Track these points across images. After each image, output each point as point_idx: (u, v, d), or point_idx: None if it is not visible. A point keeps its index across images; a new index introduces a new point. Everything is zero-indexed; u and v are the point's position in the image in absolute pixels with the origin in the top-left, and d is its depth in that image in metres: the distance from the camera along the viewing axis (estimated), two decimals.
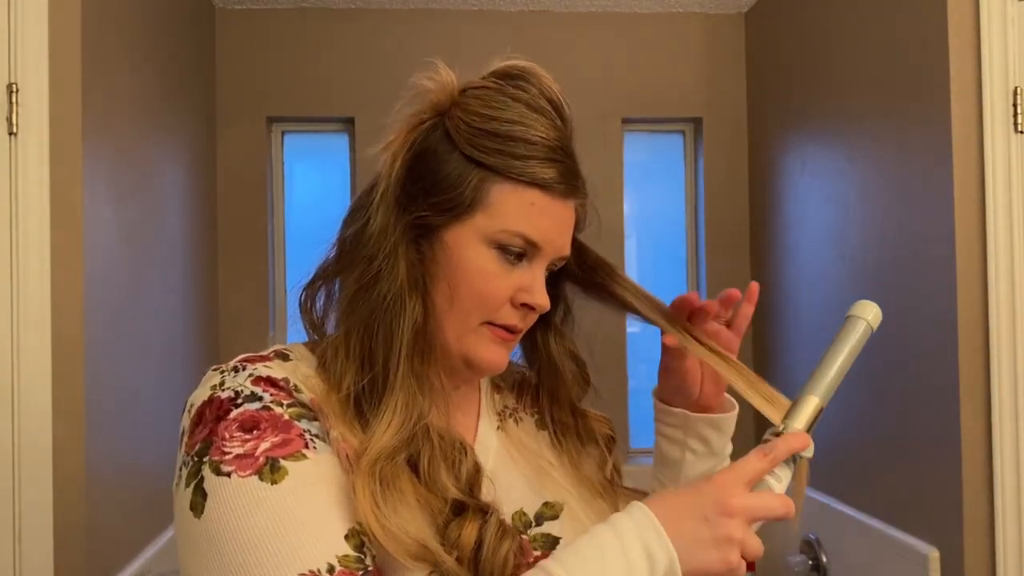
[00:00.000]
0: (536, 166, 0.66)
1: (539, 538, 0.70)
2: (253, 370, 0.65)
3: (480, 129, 0.67)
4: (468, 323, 0.69)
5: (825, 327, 1.92)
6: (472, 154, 0.66)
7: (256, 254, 2.30)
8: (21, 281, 1.28)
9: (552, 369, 0.80)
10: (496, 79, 0.70)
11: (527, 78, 0.69)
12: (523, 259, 0.69)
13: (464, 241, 0.67)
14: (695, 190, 2.47)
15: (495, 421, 0.79)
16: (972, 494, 1.39)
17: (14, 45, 1.29)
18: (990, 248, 1.37)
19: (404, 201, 0.68)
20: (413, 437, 0.64)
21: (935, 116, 1.45)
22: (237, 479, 0.57)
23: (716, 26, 2.41)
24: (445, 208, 0.67)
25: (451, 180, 0.67)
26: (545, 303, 0.70)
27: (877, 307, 0.72)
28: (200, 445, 0.60)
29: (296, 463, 0.59)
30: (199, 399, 0.64)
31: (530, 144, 0.66)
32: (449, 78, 0.70)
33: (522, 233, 0.67)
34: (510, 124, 0.66)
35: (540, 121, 0.67)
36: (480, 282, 0.67)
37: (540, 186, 0.67)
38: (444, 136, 0.68)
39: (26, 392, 1.28)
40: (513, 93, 0.68)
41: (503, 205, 0.66)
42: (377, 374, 0.65)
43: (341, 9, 2.31)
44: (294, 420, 0.62)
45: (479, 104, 0.68)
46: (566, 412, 0.82)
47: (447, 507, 0.63)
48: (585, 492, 0.77)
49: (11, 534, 1.27)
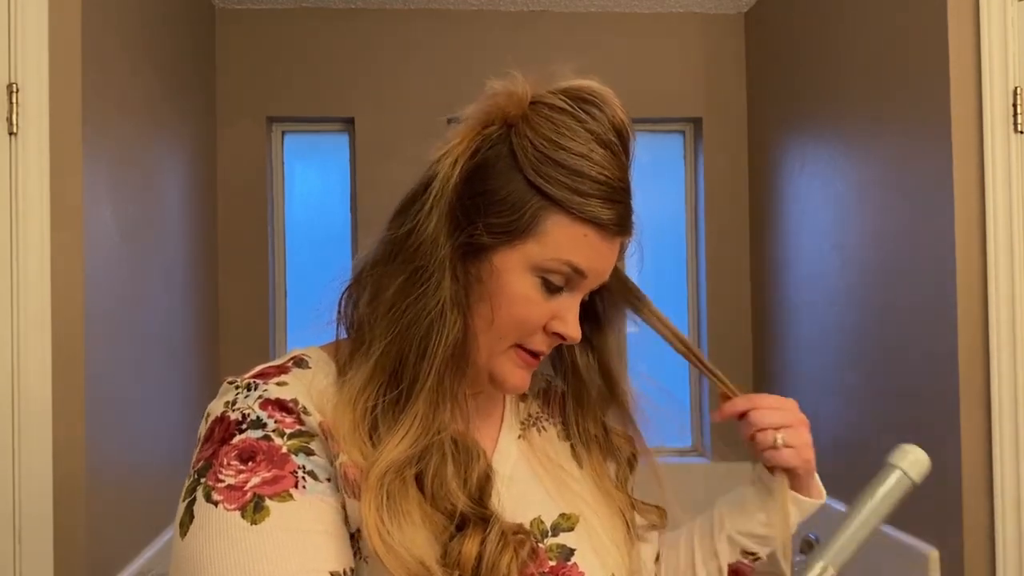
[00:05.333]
0: (597, 205, 0.66)
1: (554, 548, 0.71)
2: (264, 391, 0.65)
3: (547, 156, 0.65)
4: (501, 345, 0.69)
5: (824, 327, 1.92)
6: (536, 181, 0.65)
7: (256, 254, 2.30)
8: (21, 281, 1.28)
9: (577, 379, 0.80)
10: (568, 100, 0.68)
11: (600, 106, 0.68)
12: (562, 291, 0.69)
13: (511, 266, 0.67)
14: (695, 190, 2.47)
15: (517, 429, 0.79)
16: (972, 494, 1.39)
17: (14, 45, 1.29)
18: (990, 248, 1.37)
19: (459, 213, 0.67)
20: (426, 450, 0.64)
21: (935, 116, 1.45)
22: (222, 511, 0.59)
23: (716, 26, 2.41)
24: (499, 231, 0.66)
25: (510, 203, 0.66)
26: (577, 335, 0.70)
27: (921, 453, 0.70)
28: (203, 464, 0.61)
29: (281, 504, 0.60)
30: (215, 412, 0.65)
31: (595, 182, 0.66)
32: (522, 89, 0.68)
33: (570, 261, 0.67)
34: (578, 157, 0.65)
35: (606, 158, 0.67)
36: (521, 308, 0.67)
37: (596, 224, 0.66)
38: (508, 152, 0.67)
39: (26, 392, 1.28)
40: (585, 121, 0.67)
41: (556, 236, 0.66)
42: (404, 388, 0.65)
43: (341, 9, 2.31)
44: (291, 454, 0.62)
45: (549, 127, 0.66)
46: (592, 423, 0.82)
47: (451, 524, 0.63)
48: (603, 506, 0.77)
49: (11, 534, 1.27)
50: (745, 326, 2.40)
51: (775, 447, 0.77)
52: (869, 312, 1.72)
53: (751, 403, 0.79)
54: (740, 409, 0.79)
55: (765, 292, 2.29)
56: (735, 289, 2.40)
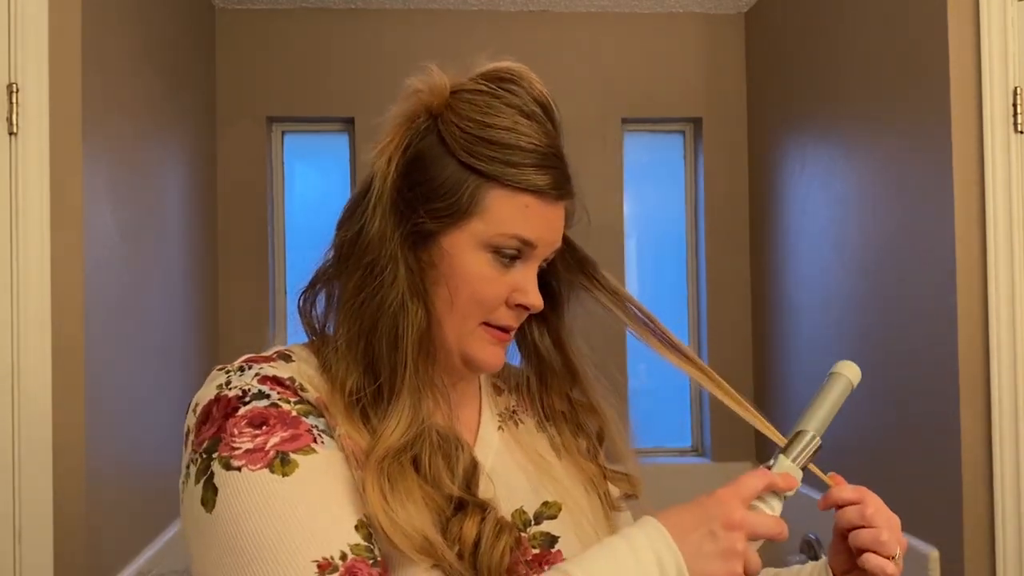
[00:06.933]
0: (531, 173, 0.68)
1: (538, 536, 0.72)
2: (259, 369, 0.66)
3: (475, 136, 0.68)
4: (467, 325, 0.70)
5: (824, 326, 1.92)
6: (468, 161, 0.68)
7: (256, 254, 2.30)
8: (21, 281, 1.28)
9: (539, 358, 0.82)
10: (487, 82, 0.71)
11: (518, 81, 0.70)
12: (516, 260, 0.70)
13: (461, 246, 0.69)
14: (695, 190, 2.47)
15: (496, 421, 0.80)
16: (972, 494, 1.39)
17: (14, 45, 1.29)
18: (990, 248, 1.37)
19: (401, 206, 0.69)
20: (417, 437, 0.66)
21: (935, 116, 1.45)
22: (248, 473, 0.59)
23: (716, 26, 2.41)
24: (442, 215, 0.68)
25: (447, 187, 0.68)
26: (539, 303, 0.72)
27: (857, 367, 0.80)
28: (208, 442, 0.61)
29: (306, 456, 0.61)
30: (205, 398, 0.65)
31: (524, 151, 0.68)
32: (441, 80, 0.71)
33: (517, 234, 0.69)
34: (504, 131, 0.68)
35: (532, 127, 0.69)
36: (478, 286, 0.69)
37: (534, 192, 0.68)
38: (438, 140, 0.69)
39: (26, 392, 1.28)
40: (505, 98, 0.69)
41: (498, 210, 0.68)
42: (384, 380, 0.67)
43: (341, 9, 2.31)
44: (302, 416, 0.64)
45: (472, 109, 0.69)
46: (557, 399, 0.83)
47: (450, 505, 0.64)
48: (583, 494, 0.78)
49: (11, 533, 1.27)
50: (745, 326, 2.40)
51: (894, 561, 0.70)
52: (869, 312, 1.72)
53: (861, 496, 0.73)
54: (849, 499, 0.73)
55: (765, 292, 2.29)
56: (735, 289, 2.40)
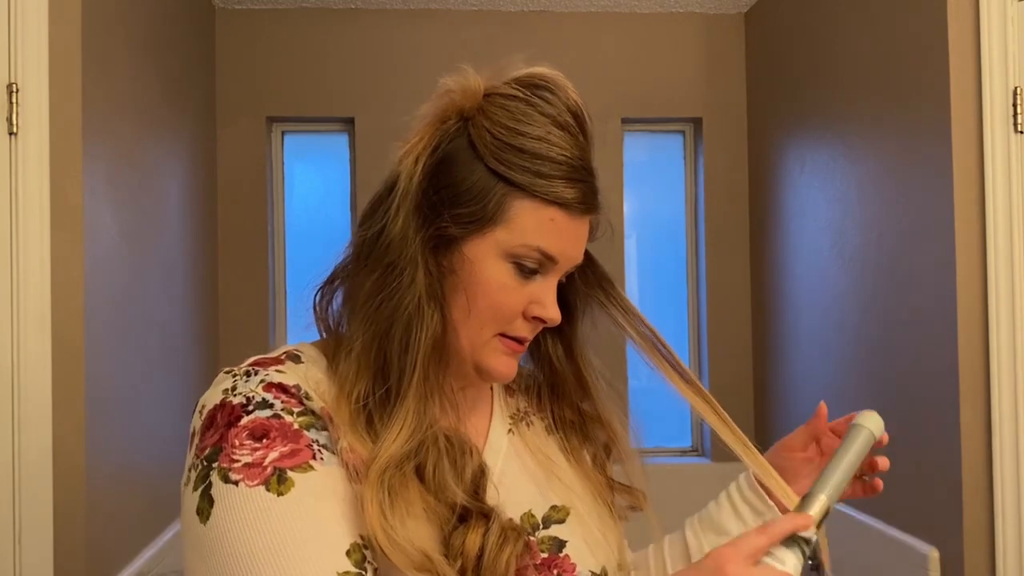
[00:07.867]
0: (560, 186, 0.67)
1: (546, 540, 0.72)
2: (265, 375, 0.65)
3: (506, 143, 0.66)
4: (483, 335, 0.69)
5: (824, 326, 1.92)
6: (497, 168, 0.66)
7: (256, 254, 2.30)
8: (21, 281, 1.28)
9: (551, 368, 0.81)
10: (521, 88, 0.69)
11: (553, 90, 0.69)
12: (536, 274, 0.69)
13: (483, 254, 0.67)
14: (695, 190, 2.47)
15: (507, 424, 0.80)
16: (972, 494, 1.39)
17: (14, 45, 1.29)
18: (990, 248, 1.37)
19: (425, 209, 0.67)
20: (422, 444, 0.65)
21: (935, 116, 1.45)
22: (245, 488, 0.58)
23: (716, 26, 2.41)
24: (466, 220, 0.67)
25: (474, 193, 0.67)
26: (557, 316, 0.71)
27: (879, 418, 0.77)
28: (210, 450, 0.61)
29: (303, 475, 0.60)
30: (211, 401, 0.64)
31: (555, 163, 0.67)
32: (475, 82, 0.69)
33: (540, 247, 0.67)
34: (536, 141, 0.66)
35: (565, 139, 0.67)
36: (497, 295, 0.68)
37: (561, 205, 0.67)
38: (468, 144, 0.68)
39: (26, 392, 1.28)
40: (539, 106, 0.68)
41: (523, 221, 0.67)
42: (392, 384, 0.66)
43: (341, 9, 2.31)
44: (303, 429, 0.63)
45: (505, 115, 0.67)
46: (567, 409, 0.83)
47: (453, 516, 0.64)
48: (592, 499, 0.78)
49: (11, 534, 1.27)
50: (744, 326, 2.40)
51: None
52: (869, 312, 1.72)
53: None
54: None
55: (765, 291, 2.29)
56: (735, 289, 2.40)
